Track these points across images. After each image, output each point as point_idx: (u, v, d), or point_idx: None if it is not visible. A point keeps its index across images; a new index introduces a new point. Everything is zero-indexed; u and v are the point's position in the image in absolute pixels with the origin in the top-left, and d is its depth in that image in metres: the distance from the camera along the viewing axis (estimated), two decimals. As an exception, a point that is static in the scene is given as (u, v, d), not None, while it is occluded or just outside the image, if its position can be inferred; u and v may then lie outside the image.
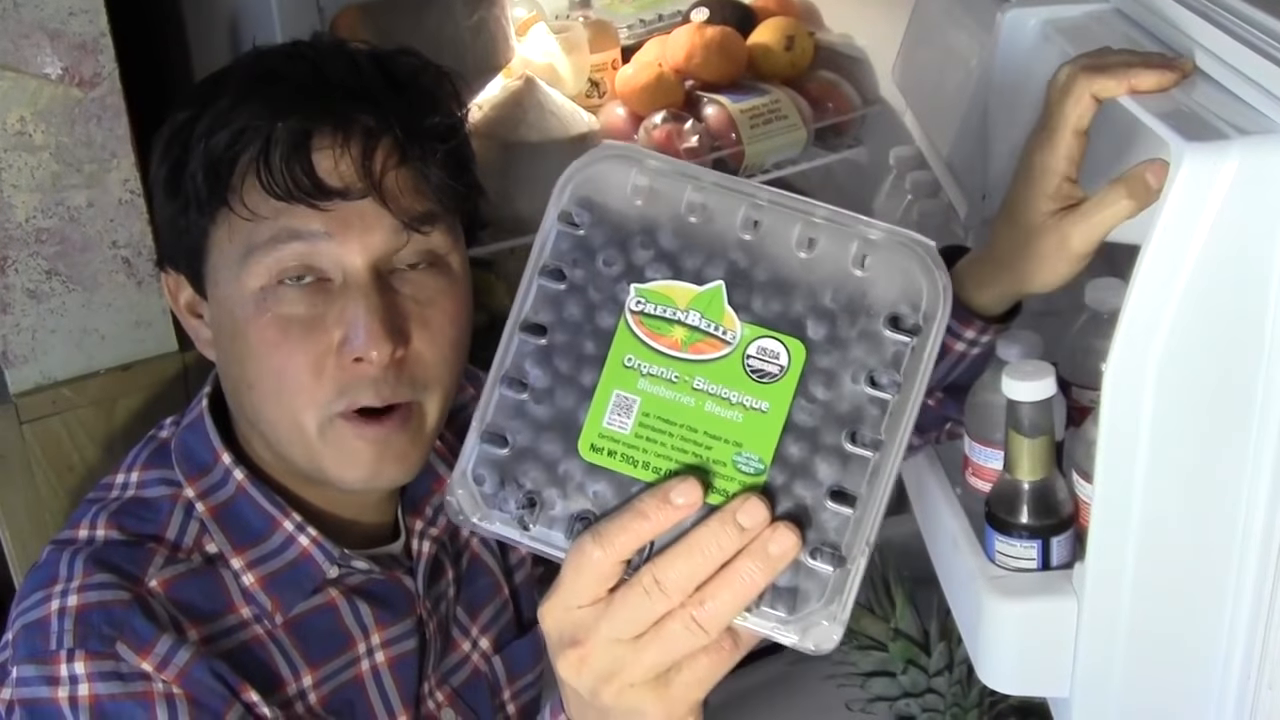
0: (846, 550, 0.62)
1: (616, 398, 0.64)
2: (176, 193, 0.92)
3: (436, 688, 1.03)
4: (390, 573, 0.99)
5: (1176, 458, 0.72)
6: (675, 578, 0.60)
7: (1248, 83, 0.72)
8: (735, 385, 0.64)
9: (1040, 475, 0.81)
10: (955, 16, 1.10)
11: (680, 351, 0.64)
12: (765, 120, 1.58)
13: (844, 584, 0.62)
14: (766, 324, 0.64)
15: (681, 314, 0.64)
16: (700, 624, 0.61)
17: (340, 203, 0.88)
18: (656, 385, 0.64)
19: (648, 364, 0.64)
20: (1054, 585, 0.80)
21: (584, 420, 0.64)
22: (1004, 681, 0.84)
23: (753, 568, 0.61)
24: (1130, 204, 0.80)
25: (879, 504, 0.63)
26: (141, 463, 0.97)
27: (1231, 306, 0.69)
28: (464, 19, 1.41)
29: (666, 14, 1.72)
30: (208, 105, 0.91)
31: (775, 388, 0.63)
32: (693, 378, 0.64)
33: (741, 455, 0.63)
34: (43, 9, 1.19)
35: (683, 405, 0.64)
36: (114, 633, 0.86)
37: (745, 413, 0.63)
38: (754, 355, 0.64)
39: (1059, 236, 0.84)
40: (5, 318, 1.25)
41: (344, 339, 0.88)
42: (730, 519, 0.61)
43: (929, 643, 1.30)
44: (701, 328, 0.64)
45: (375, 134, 0.89)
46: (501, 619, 1.10)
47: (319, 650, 0.95)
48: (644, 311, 0.65)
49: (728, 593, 0.60)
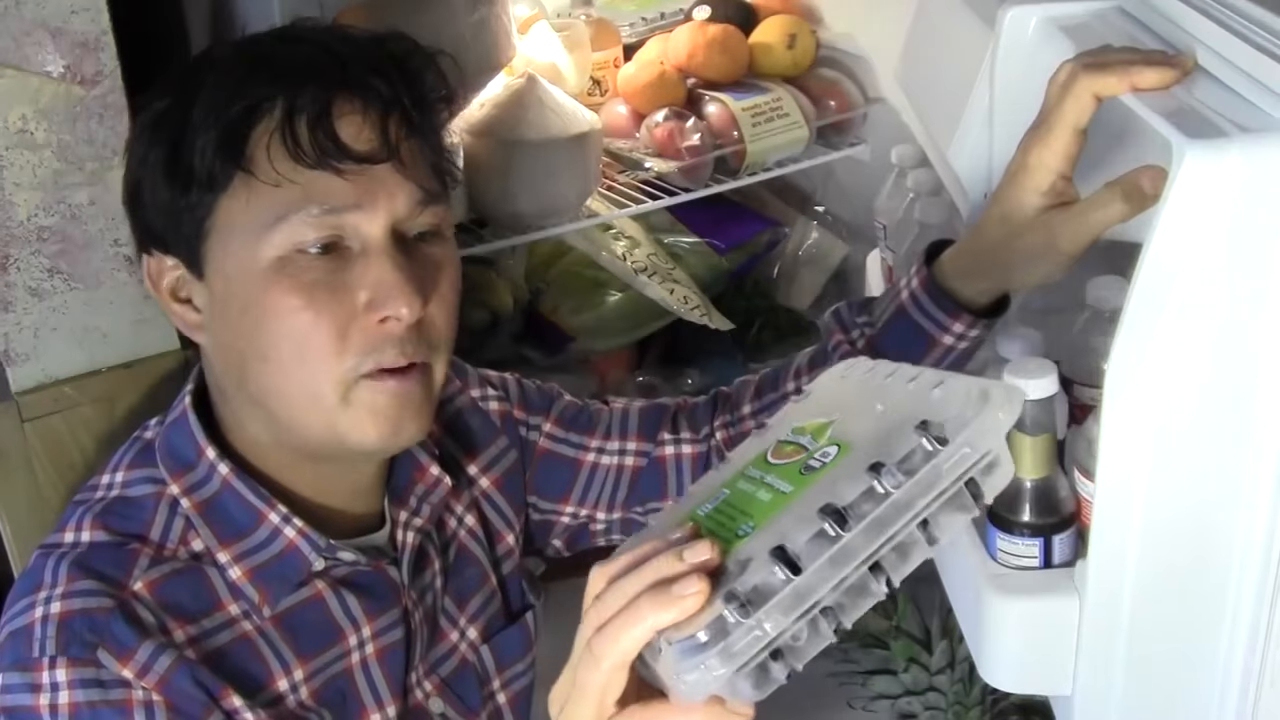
0: (755, 604, 0.64)
1: (718, 494, 0.73)
2: (176, 172, 0.91)
3: (424, 678, 1.03)
4: (375, 563, 1.00)
5: (1178, 456, 0.72)
6: (613, 592, 0.68)
7: (1249, 80, 0.72)
8: (786, 476, 0.70)
9: (1042, 473, 0.81)
10: (957, 14, 1.09)
11: (775, 458, 0.72)
12: (767, 118, 1.57)
13: (741, 638, 0.64)
14: (841, 439, 0.70)
15: (798, 435, 0.73)
16: (592, 649, 0.68)
17: (365, 168, 0.89)
18: (747, 483, 0.72)
19: (754, 469, 0.73)
20: (1056, 583, 0.80)
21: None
22: (1006, 680, 0.83)
23: (648, 596, 0.66)
24: (1124, 208, 0.80)
25: (821, 588, 0.64)
26: (126, 463, 0.97)
27: (1233, 304, 0.69)
28: (466, 17, 1.41)
29: (668, 12, 1.72)
30: (199, 88, 0.91)
31: (810, 476, 0.69)
32: (769, 474, 0.71)
33: (745, 525, 0.68)
34: (44, 7, 1.19)
35: (745, 492, 0.71)
36: (95, 639, 0.86)
37: (773, 494, 0.69)
38: (816, 456, 0.70)
39: (1048, 234, 0.84)
40: (7, 316, 1.25)
41: (370, 301, 0.89)
42: (677, 552, 0.66)
43: (931, 641, 1.30)
44: (796, 440, 0.72)
45: (389, 103, 0.92)
46: (489, 609, 1.10)
47: (309, 644, 0.95)
48: (784, 439, 0.74)
49: (620, 618, 0.67)
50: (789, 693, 0.67)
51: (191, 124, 0.90)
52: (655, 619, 0.66)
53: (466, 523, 1.10)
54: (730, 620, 0.63)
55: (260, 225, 0.89)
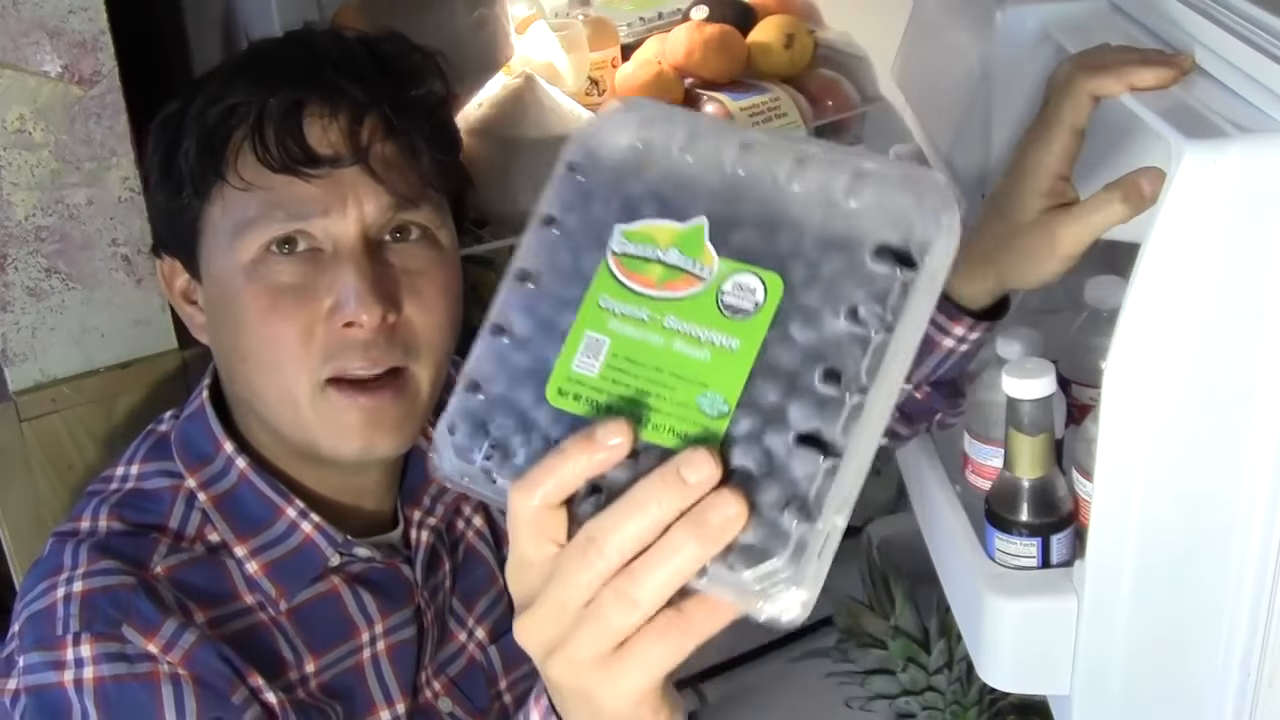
0: (815, 505, 0.55)
1: (587, 339, 0.60)
2: (170, 175, 0.93)
3: (433, 677, 1.03)
4: (389, 561, 1.00)
5: (1176, 456, 0.72)
6: (612, 536, 0.54)
7: (1248, 80, 0.72)
8: (706, 322, 0.58)
9: (1040, 473, 0.81)
10: (954, 14, 1.10)
11: (654, 289, 0.59)
12: (765, 118, 1.57)
13: (813, 542, 0.55)
14: (746, 259, 0.59)
15: (661, 252, 0.60)
16: (629, 596, 0.54)
17: (330, 171, 0.89)
18: (627, 325, 0.59)
19: (621, 304, 0.59)
20: (1054, 583, 0.80)
21: (554, 364, 0.60)
22: (1004, 679, 0.84)
23: (685, 537, 0.53)
24: (1123, 209, 0.80)
25: (859, 456, 0.56)
26: (141, 456, 0.98)
27: (1231, 304, 0.69)
28: (464, 16, 1.41)
29: (666, 12, 1.72)
30: (199, 92, 0.93)
31: (747, 325, 0.57)
32: (664, 316, 0.59)
33: (705, 396, 0.57)
34: (42, 7, 1.19)
35: (651, 345, 0.58)
36: (120, 615, 0.86)
37: (714, 351, 0.58)
38: (728, 291, 0.58)
39: (1047, 235, 0.84)
40: (4, 315, 1.25)
41: (334, 305, 0.90)
42: (673, 473, 0.54)
43: (929, 640, 1.30)
44: (679, 265, 0.59)
45: (363, 106, 0.91)
46: (497, 609, 1.10)
47: (323, 638, 0.96)
48: (625, 253, 0.60)
49: (657, 562, 0.54)
50: (787, 692, 0.66)
51: (183, 128, 0.92)
52: (702, 555, 0.54)
53: (475, 524, 1.11)
54: (790, 525, 0.54)
55: (234, 229, 0.91)
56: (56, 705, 0.84)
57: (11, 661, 0.88)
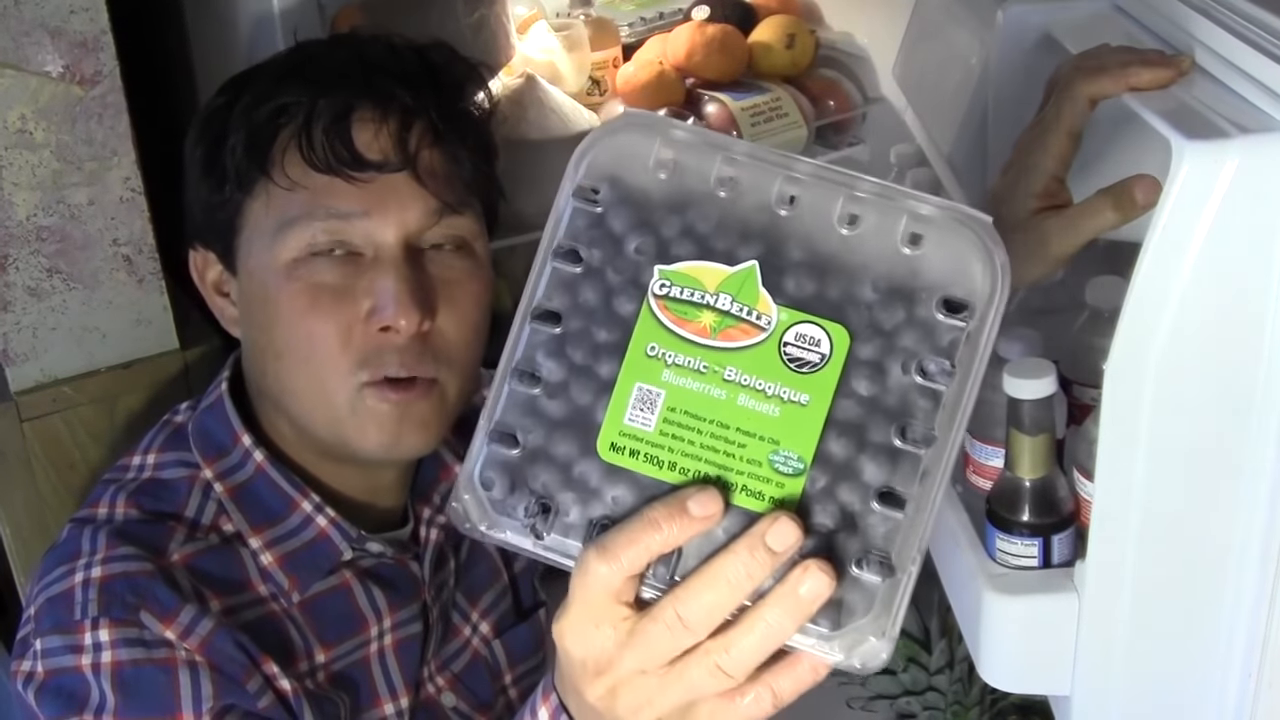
0: (897, 559, 0.56)
1: (639, 391, 0.57)
2: (213, 170, 0.94)
3: (437, 672, 1.04)
4: (399, 557, 1.01)
5: (1177, 456, 0.72)
6: (699, 612, 0.55)
7: (1248, 80, 0.72)
8: (771, 376, 0.57)
9: (1041, 473, 0.81)
10: (955, 14, 1.10)
11: (709, 339, 0.57)
12: (766, 118, 1.57)
13: (894, 596, 0.56)
14: (805, 308, 0.57)
15: (710, 297, 0.57)
16: (723, 669, 0.56)
17: (376, 176, 0.90)
18: (683, 376, 0.57)
19: (673, 353, 0.57)
20: (1055, 583, 0.80)
21: (602, 417, 0.58)
22: (1005, 679, 0.83)
23: (780, 613, 0.55)
24: (1115, 216, 0.80)
25: (931, 507, 0.56)
26: (158, 445, 0.99)
27: (1232, 305, 0.69)
28: (465, 16, 1.41)
29: (667, 12, 1.72)
30: (246, 88, 0.93)
31: (816, 378, 0.56)
32: (724, 368, 0.57)
33: (779, 454, 0.56)
34: (43, 7, 1.19)
35: (713, 399, 0.57)
36: (138, 601, 0.87)
37: (783, 406, 0.56)
38: (792, 342, 0.57)
39: (1039, 236, 0.85)
40: (6, 315, 1.25)
41: (372, 308, 0.90)
42: (759, 543, 0.55)
43: (930, 640, 1.30)
44: (733, 312, 0.57)
45: (412, 112, 0.92)
46: (501, 605, 1.11)
47: (334, 631, 0.96)
48: (669, 295, 0.58)
49: (752, 639, 0.55)
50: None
51: (230, 124, 0.93)
52: (794, 627, 0.56)
53: None
54: (873, 582, 0.55)
55: (276, 227, 0.91)
56: (74, 689, 0.85)
57: (27, 644, 0.89)
